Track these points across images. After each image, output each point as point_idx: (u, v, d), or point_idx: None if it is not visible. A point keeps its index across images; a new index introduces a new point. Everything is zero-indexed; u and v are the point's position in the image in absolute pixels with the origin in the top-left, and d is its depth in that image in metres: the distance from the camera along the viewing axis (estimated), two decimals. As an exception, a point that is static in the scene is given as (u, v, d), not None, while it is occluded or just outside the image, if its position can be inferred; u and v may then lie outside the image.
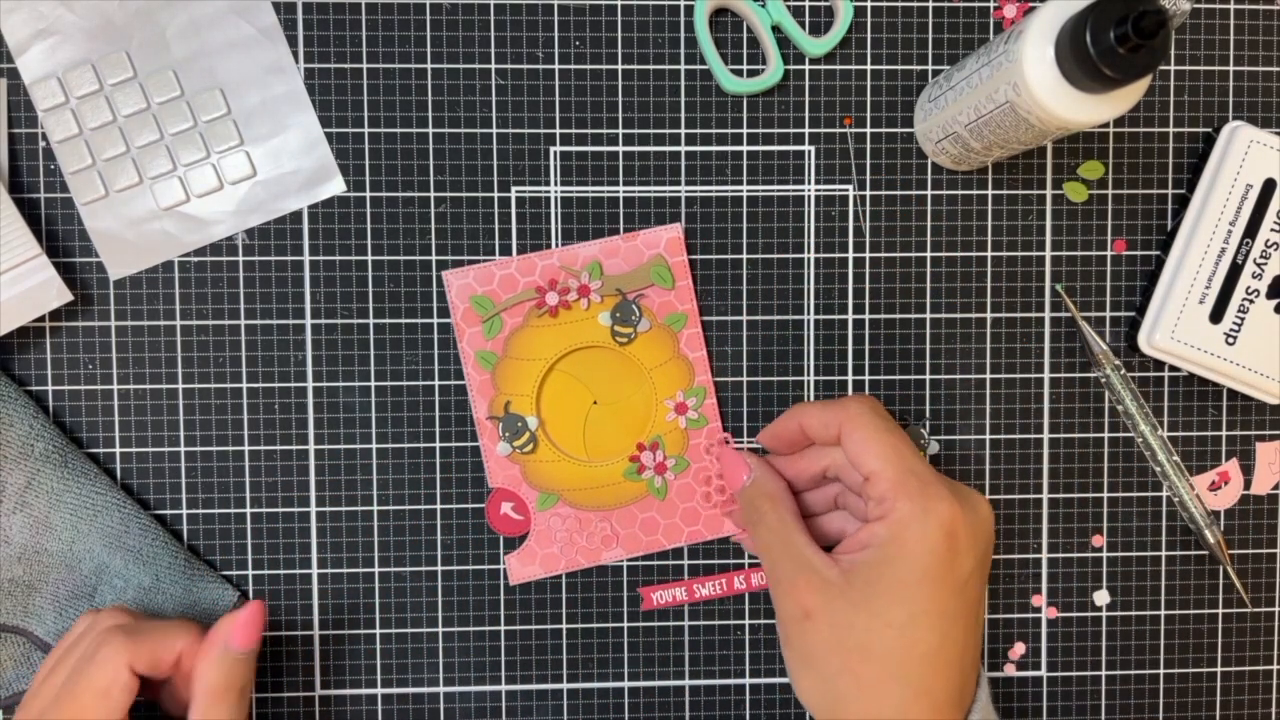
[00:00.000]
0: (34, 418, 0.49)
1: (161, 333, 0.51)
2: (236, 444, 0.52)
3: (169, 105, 0.50)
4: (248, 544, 0.52)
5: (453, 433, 0.52)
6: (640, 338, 0.52)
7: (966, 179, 0.53)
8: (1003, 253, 0.53)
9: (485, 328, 0.51)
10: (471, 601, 0.52)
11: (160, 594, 0.49)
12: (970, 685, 0.42)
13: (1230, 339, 0.51)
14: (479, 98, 0.52)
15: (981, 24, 0.53)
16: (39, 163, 0.51)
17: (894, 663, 0.40)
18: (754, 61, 0.52)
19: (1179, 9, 0.39)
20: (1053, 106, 0.40)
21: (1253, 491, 0.54)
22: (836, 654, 0.40)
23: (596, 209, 0.52)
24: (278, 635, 0.52)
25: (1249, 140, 0.51)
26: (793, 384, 0.53)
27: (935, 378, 0.53)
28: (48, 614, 0.49)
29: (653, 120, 0.52)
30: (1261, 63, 0.53)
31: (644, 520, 0.52)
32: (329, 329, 0.52)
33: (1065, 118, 0.40)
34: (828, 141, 0.52)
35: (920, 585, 0.40)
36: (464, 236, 0.52)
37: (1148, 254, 0.54)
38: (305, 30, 0.51)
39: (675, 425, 0.52)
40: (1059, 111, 0.40)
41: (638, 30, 0.52)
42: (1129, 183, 0.53)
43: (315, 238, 0.51)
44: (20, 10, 0.50)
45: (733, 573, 0.53)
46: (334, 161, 0.51)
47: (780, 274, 0.53)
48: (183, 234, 0.51)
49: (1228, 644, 0.54)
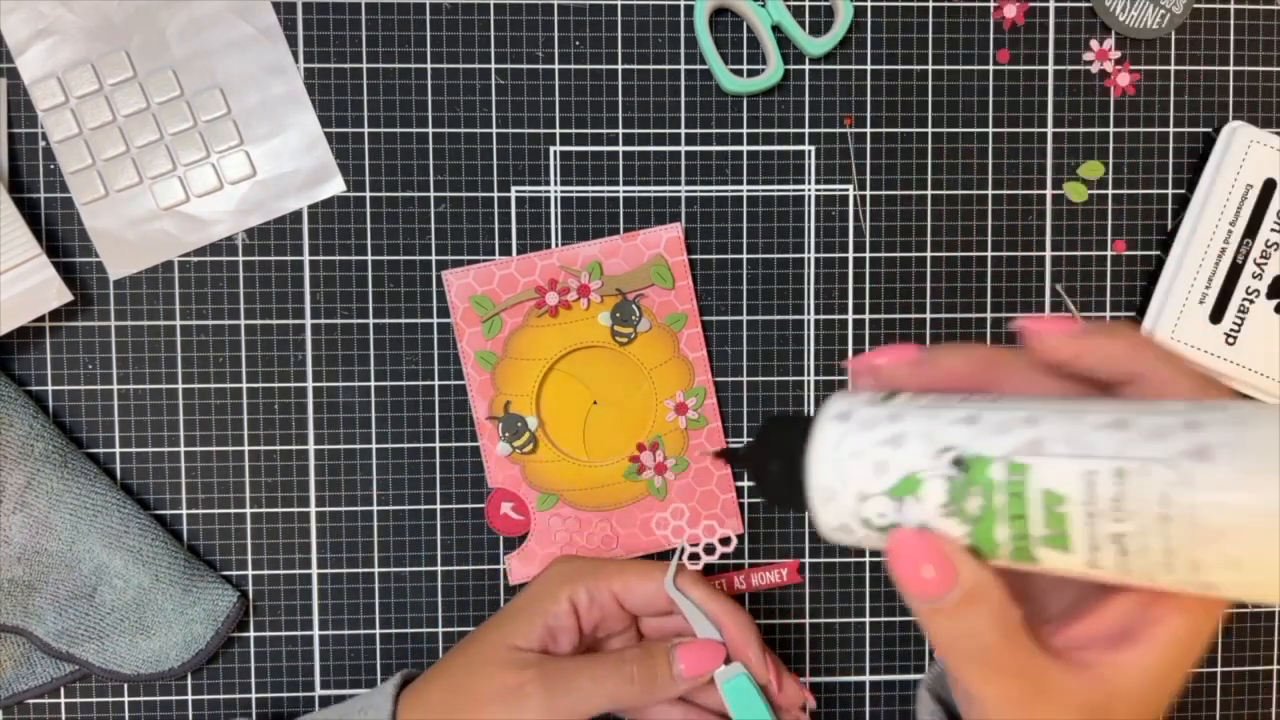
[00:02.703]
0: (34, 418, 0.49)
1: (161, 333, 0.51)
2: (236, 444, 0.51)
3: (169, 105, 0.50)
4: (247, 544, 0.52)
5: (453, 433, 0.52)
6: (640, 338, 0.52)
7: (966, 179, 0.53)
8: (1003, 253, 0.53)
9: (485, 328, 0.51)
10: (471, 602, 0.52)
11: (160, 594, 0.49)
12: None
13: (1230, 339, 0.51)
14: (479, 98, 0.52)
15: (982, 24, 0.53)
16: (39, 163, 0.51)
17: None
18: (754, 61, 0.52)
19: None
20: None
21: (1253, 491, 0.54)
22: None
23: (596, 209, 0.52)
24: (278, 635, 0.52)
25: (1249, 140, 0.51)
26: (793, 384, 0.53)
27: (935, 378, 0.53)
28: (48, 614, 0.49)
29: (653, 120, 0.52)
30: (1261, 63, 0.53)
31: (644, 520, 0.52)
32: (329, 329, 0.52)
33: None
34: (828, 141, 0.52)
35: (1176, 680, 0.30)
36: (464, 236, 0.52)
37: (1148, 254, 0.54)
38: (305, 30, 0.51)
39: (675, 425, 0.52)
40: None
41: (638, 30, 0.52)
42: (1129, 183, 0.53)
43: (315, 237, 0.51)
44: (20, 10, 0.50)
45: (733, 573, 0.53)
46: (334, 161, 0.51)
47: (780, 274, 0.53)
48: (183, 234, 0.51)
49: (1228, 644, 0.54)
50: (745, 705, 0.45)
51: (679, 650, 0.44)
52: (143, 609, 0.49)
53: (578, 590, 0.45)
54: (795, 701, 0.46)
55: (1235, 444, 0.26)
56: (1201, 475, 0.26)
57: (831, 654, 0.53)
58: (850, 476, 0.32)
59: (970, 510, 0.29)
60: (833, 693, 0.54)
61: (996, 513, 0.29)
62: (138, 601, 0.49)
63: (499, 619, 0.46)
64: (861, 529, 0.32)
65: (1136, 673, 0.29)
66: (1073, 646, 0.30)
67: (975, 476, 0.29)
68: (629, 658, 0.44)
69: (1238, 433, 0.26)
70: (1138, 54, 0.53)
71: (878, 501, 0.31)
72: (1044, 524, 0.28)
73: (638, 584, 0.45)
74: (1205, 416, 0.27)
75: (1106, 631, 0.30)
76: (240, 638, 0.52)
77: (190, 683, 0.51)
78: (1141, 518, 0.27)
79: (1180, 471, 0.26)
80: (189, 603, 0.50)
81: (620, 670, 0.43)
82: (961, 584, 0.28)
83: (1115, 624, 0.30)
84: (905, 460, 0.30)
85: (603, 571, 0.46)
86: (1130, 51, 0.53)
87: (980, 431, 0.29)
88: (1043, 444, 0.28)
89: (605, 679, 0.43)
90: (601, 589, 0.45)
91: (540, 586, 0.46)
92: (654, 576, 0.45)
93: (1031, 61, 0.53)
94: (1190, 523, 0.26)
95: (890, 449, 0.31)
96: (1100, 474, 0.27)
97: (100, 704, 0.51)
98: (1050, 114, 0.53)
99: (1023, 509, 0.28)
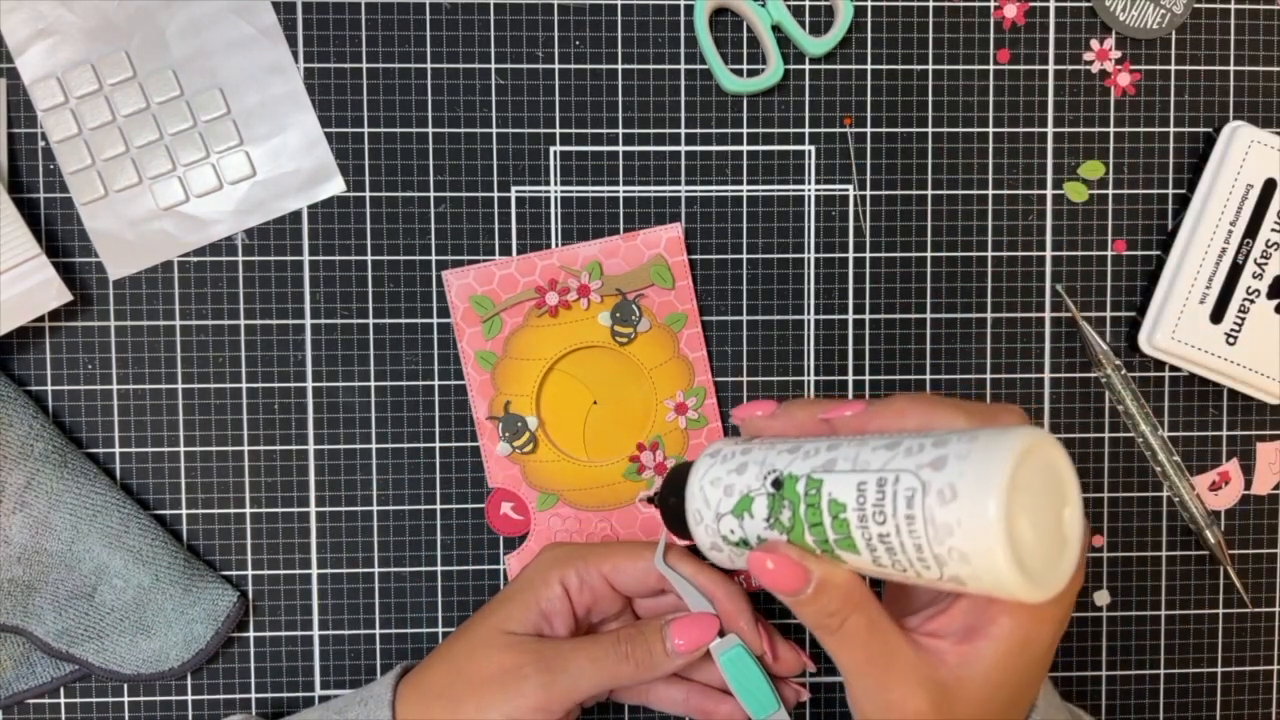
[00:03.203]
0: (34, 418, 0.49)
1: (161, 333, 0.51)
2: (236, 444, 0.51)
3: (169, 105, 0.50)
4: (247, 544, 0.52)
5: (453, 433, 0.52)
6: (640, 338, 0.52)
7: (966, 179, 0.53)
8: (1003, 253, 0.53)
9: (485, 328, 0.51)
10: (471, 602, 0.52)
11: (160, 594, 0.49)
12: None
13: (1231, 339, 0.51)
14: (479, 98, 0.52)
15: (982, 24, 0.53)
16: (39, 163, 0.51)
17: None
18: (754, 61, 0.52)
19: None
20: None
21: (1253, 491, 0.54)
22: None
23: (596, 209, 0.52)
24: (278, 635, 0.52)
25: (1249, 140, 0.51)
26: (793, 384, 0.53)
27: (935, 378, 0.53)
28: (47, 614, 0.49)
29: (653, 120, 0.52)
30: (1262, 63, 0.53)
31: (644, 520, 0.52)
32: (329, 329, 0.52)
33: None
34: (828, 141, 0.52)
35: (1042, 666, 0.36)
36: (464, 236, 0.52)
37: (1148, 254, 0.54)
38: (305, 30, 0.51)
39: (675, 425, 0.52)
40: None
41: (638, 30, 0.52)
42: (1129, 183, 0.53)
43: (315, 238, 0.51)
44: (20, 10, 0.50)
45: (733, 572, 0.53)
46: (334, 161, 0.51)
47: (780, 274, 0.53)
48: (182, 234, 0.51)
49: (1228, 644, 0.54)
50: (743, 677, 0.45)
51: (672, 626, 0.44)
52: (143, 609, 0.49)
53: (568, 573, 0.45)
54: (793, 669, 0.46)
55: (963, 454, 0.30)
56: (934, 480, 0.31)
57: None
58: (710, 499, 0.38)
59: (784, 521, 0.35)
60: (833, 693, 0.54)
61: (801, 522, 0.34)
62: (138, 601, 0.49)
63: (493, 605, 0.46)
64: (726, 546, 0.38)
65: (977, 664, 0.34)
66: (928, 636, 0.35)
67: (786, 493, 0.35)
68: (623, 637, 0.44)
69: (969, 447, 0.31)
70: (1138, 54, 0.53)
71: (728, 520, 0.37)
72: (833, 529, 0.33)
73: (626, 564, 0.46)
74: (956, 438, 0.32)
75: (956, 628, 0.35)
76: (240, 638, 0.52)
77: (190, 683, 0.51)
78: (896, 519, 0.31)
79: (920, 478, 0.31)
80: (189, 603, 0.50)
81: (615, 649, 0.44)
82: (813, 577, 0.34)
83: (962, 622, 0.35)
84: (743, 483, 0.37)
85: (591, 554, 0.46)
86: (1130, 51, 0.53)
87: (796, 458, 0.35)
88: (835, 463, 0.34)
89: (600, 658, 0.43)
90: (591, 571, 0.46)
91: (531, 572, 0.46)
92: (642, 556, 0.46)
93: (1032, 61, 0.53)
94: (928, 521, 0.31)
95: (736, 475, 0.37)
96: (869, 484, 0.32)
97: (100, 704, 0.51)
98: (1050, 114, 0.53)
99: (819, 517, 0.34)
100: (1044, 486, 0.31)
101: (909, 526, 0.31)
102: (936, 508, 0.31)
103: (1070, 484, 0.32)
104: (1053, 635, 0.35)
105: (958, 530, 0.30)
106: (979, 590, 0.32)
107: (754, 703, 0.45)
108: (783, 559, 0.35)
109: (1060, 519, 0.32)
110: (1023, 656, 0.35)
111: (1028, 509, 0.30)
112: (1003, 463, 0.30)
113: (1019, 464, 0.30)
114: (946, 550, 0.31)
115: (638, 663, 0.43)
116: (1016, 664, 0.35)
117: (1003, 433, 0.31)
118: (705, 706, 0.47)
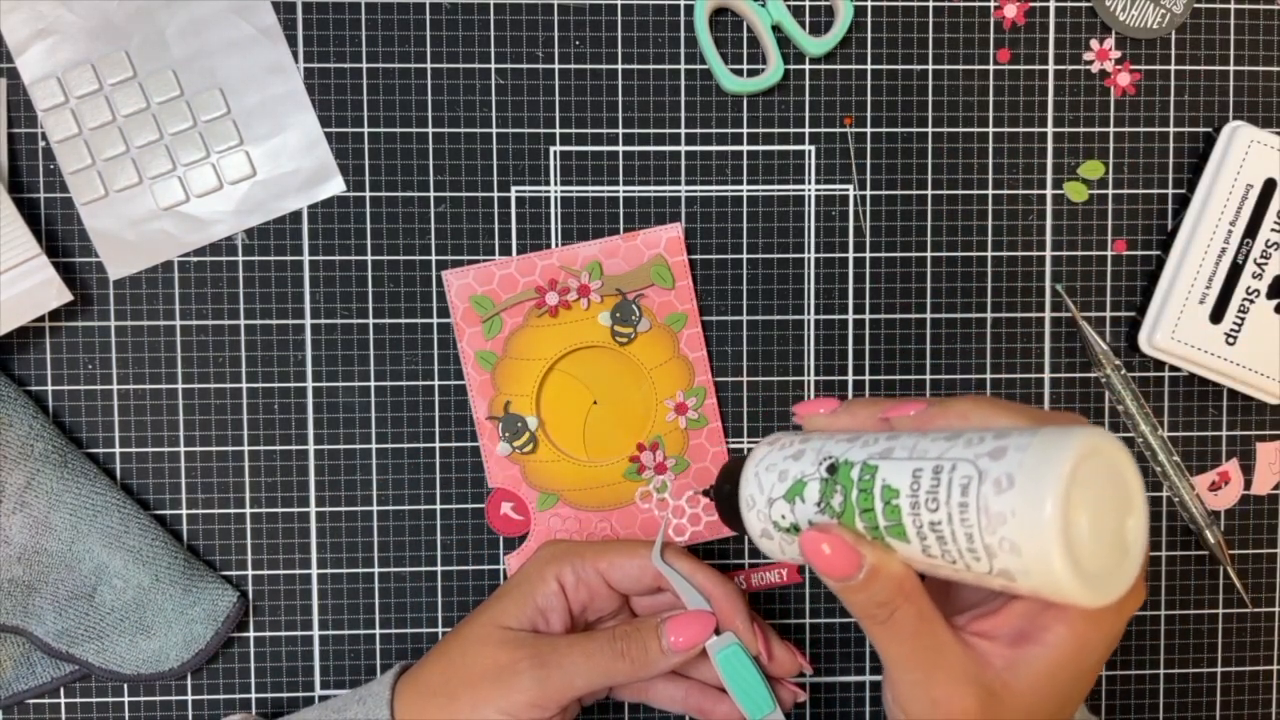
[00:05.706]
0: (34, 418, 0.49)
1: (161, 333, 0.51)
2: (236, 444, 0.51)
3: (169, 105, 0.50)
4: (247, 544, 0.52)
5: (453, 433, 0.52)
6: (640, 338, 0.52)
7: (967, 179, 0.53)
8: (1003, 253, 0.53)
9: (485, 328, 0.51)
10: (471, 602, 0.52)
11: (160, 594, 0.49)
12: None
13: (1230, 339, 0.51)
14: (479, 98, 0.52)
15: (982, 24, 0.53)
16: (39, 163, 0.51)
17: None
18: (754, 61, 0.52)
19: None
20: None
21: (1253, 491, 0.54)
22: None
23: (596, 209, 0.52)
24: (278, 635, 0.52)
25: (1249, 140, 0.51)
26: (793, 384, 0.53)
27: (935, 378, 0.53)
28: (47, 614, 0.49)
29: (653, 120, 0.52)
30: (1262, 63, 0.53)
31: (644, 520, 0.52)
32: (329, 329, 0.52)
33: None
34: (828, 141, 0.52)
35: (1089, 680, 0.35)
36: (464, 236, 0.52)
37: (1148, 254, 0.54)
38: (305, 30, 0.51)
39: (675, 425, 0.52)
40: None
41: (638, 30, 0.52)
42: (1129, 183, 0.53)
43: (315, 238, 0.51)
44: (20, 10, 0.50)
45: (733, 572, 0.53)
46: (334, 161, 0.51)
47: (780, 274, 0.53)
48: (182, 234, 0.51)
49: (1228, 644, 0.54)
50: (738, 676, 0.45)
51: (668, 623, 0.44)
52: (143, 609, 0.49)
53: (564, 570, 0.45)
54: (789, 670, 0.46)
55: (1024, 445, 0.30)
56: (991, 469, 0.30)
57: (831, 654, 0.53)
58: (764, 484, 0.38)
59: (835, 506, 0.34)
60: (833, 693, 0.54)
61: (852, 507, 0.34)
62: (138, 601, 0.49)
63: (489, 601, 0.46)
64: (776, 532, 0.37)
65: (1025, 670, 0.33)
66: (976, 635, 0.34)
67: (840, 477, 0.34)
68: (619, 634, 0.44)
69: (1030, 440, 0.30)
70: (1138, 54, 0.53)
71: (780, 505, 0.37)
72: (884, 515, 0.33)
73: (622, 561, 0.46)
74: (1018, 432, 0.31)
75: (1007, 630, 0.34)
76: (240, 638, 0.52)
77: (190, 683, 0.51)
78: (949, 506, 0.31)
79: (978, 466, 0.30)
80: (189, 603, 0.50)
81: (611, 646, 0.43)
82: (866, 563, 0.33)
83: (1015, 625, 0.34)
84: (798, 469, 0.36)
85: (588, 551, 0.46)
86: (1130, 51, 0.53)
87: (853, 446, 0.35)
88: (891, 451, 0.33)
89: (596, 654, 0.43)
90: (587, 568, 0.46)
91: (528, 569, 0.46)
92: (639, 553, 0.46)
93: (1031, 61, 0.53)
94: (982, 510, 0.30)
95: (792, 461, 0.37)
96: (924, 471, 0.32)
97: (100, 704, 0.51)
98: (1050, 114, 0.53)
99: (870, 502, 0.33)
100: (1107, 489, 0.30)
101: (961, 515, 0.30)
102: (991, 496, 0.30)
103: (1136, 493, 0.31)
104: (1106, 649, 0.34)
105: (1011, 520, 0.29)
106: (1028, 588, 0.30)
107: (749, 702, 0.45)
108: (836, 540, 0.33)
109: (1123, 526, 0.31)
110: (1072, 668, 0.34)
111: (1086, 506, 0.29)
112: (1064, 454, 0.29)
113: (1081, 459, 0.29)
114: (998, 540, 0.30)
115: (633, 660, 0.43)
116: (1065, 675, 0.34)
117: (1068, 429, 0.30)
118: (704, 705, 0.47)
